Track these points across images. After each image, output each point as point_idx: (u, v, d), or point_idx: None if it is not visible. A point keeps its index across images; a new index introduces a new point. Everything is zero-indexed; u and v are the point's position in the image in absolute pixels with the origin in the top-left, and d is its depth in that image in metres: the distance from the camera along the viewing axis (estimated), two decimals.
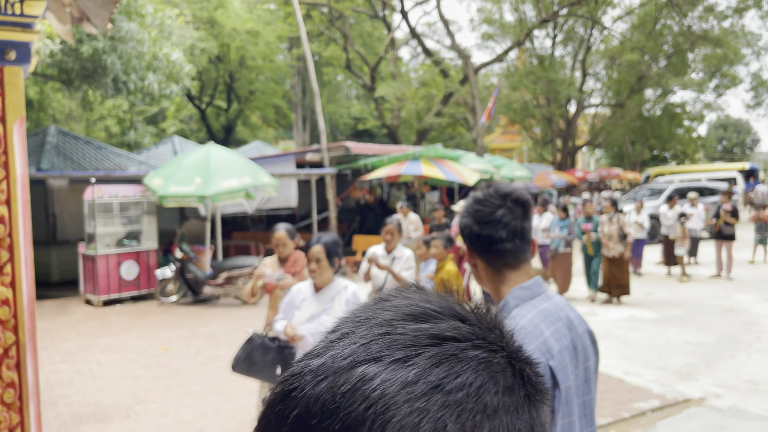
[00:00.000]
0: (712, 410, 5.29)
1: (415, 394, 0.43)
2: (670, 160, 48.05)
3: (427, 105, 25.21)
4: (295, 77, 28.92)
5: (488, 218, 1.61)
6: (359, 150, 14.39)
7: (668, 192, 18.18)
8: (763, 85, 33.39)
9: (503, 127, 35.48)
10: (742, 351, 7.00)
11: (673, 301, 9.95)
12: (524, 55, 31.23)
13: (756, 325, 8.19)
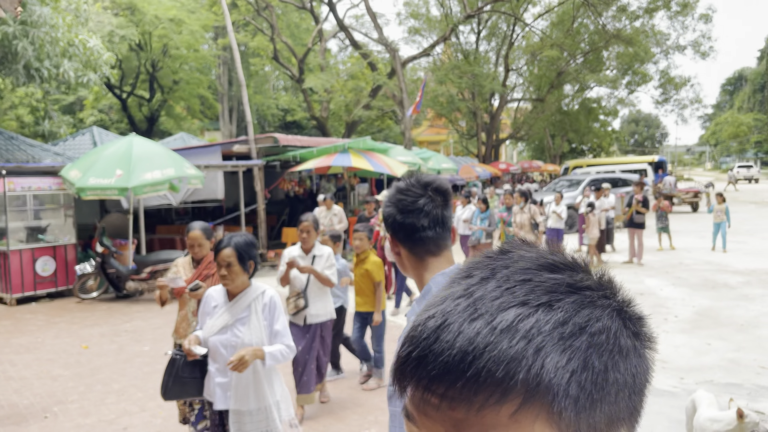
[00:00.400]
0: None
1: (566, 333, 0.49)
2: (587, 153, 50.41)
3: (356, 97, 25.30)
4: (220, 67, 28.26)
5: (411, 207, 1.66)
6: (288, 141, 14.30)
7: (585, 183, 19.10)
8: (670, 82, 35.54)
9: (430, 120, 36.11)
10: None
11: None
12: (450, 50, 31.86)
13: (664, 307, 8.81)
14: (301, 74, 23.95)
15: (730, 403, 3.82)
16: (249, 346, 3.10)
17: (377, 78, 20.88)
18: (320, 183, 17.37)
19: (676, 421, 4.81)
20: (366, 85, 25.65)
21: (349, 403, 5.53)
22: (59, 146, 15.01)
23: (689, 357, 6.42)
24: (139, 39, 21.87)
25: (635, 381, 0.54)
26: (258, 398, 3.20)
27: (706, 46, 32.69)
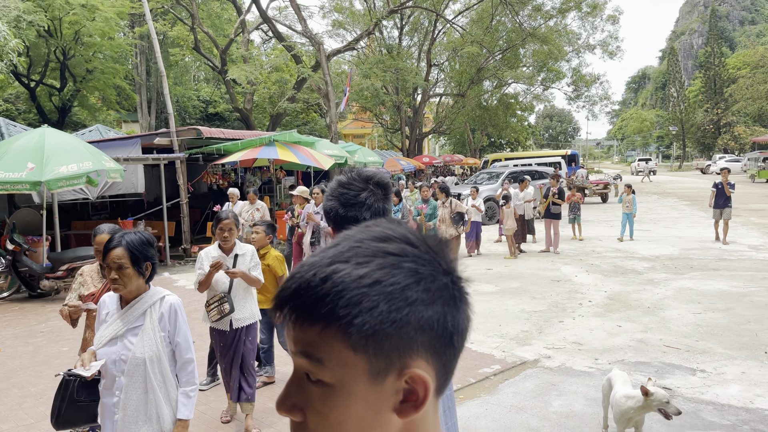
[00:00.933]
0: (544, 370, 6.02)
1: (363, 283, 0.68)
2: (506, 147, 52.19)
3: (281, 90, 25.00)
4: (138, 57, 27.10)
5: (353, 200, 1.71)
6: (211, 134, 14.00)
7: (504, 176, 19.83)
8: (582, 79, 37.39)
9: (355, 114, 36.23)
10: (568, 316, 8.00)
11: (510, 275, 11.01)
12: (374, 44, 32.07)
13: (578, 293, 9.36)
14: (223, 65, 23.39)
15: (648, 382, 4.20)
16: (140, 360, 2.69)
17: (302, 71, 20.74)
18: (245, 176, 17.12)
19: (593, 399, 5.19)
20: (291, 78, 25.40)
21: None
22: None
23: (602, 339, 6.89)
24: (48, 25, 20.57)
25: (434, 326, 0.71)
26: (150, 423, 2.74)
27: (614, 46, 34.65)
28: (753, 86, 39.93)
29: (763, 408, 4.88)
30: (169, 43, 26.89)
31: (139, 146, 13.65)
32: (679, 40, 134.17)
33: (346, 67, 31.06)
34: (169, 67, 26.58)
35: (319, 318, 0.68)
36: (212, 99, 33.75)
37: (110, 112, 29.49)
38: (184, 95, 30.86)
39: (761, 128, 66.45)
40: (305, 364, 0.70)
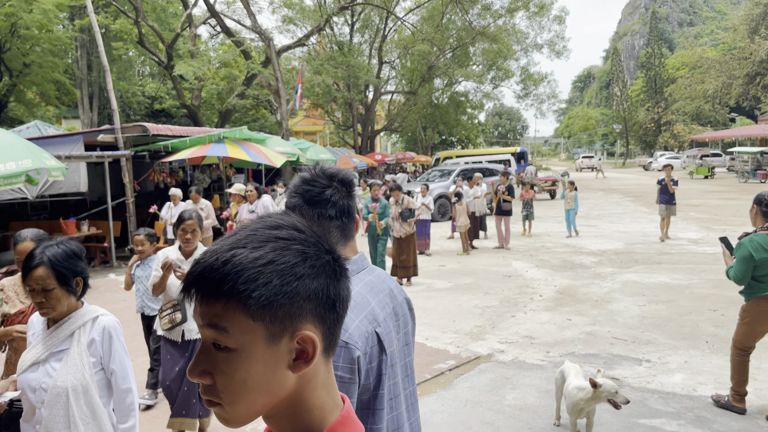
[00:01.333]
0: (498, 364, 6.10)
1: (258, 263, 0.81)
2: (456, 144, 52.81)
3: (230, 86, 24.54)
4: (78, 50, 26.07)
5: (317, 197, 1.67)
6: (158, 131, 13.59)
7: (455, 174, 20.05)
8: (530, 78, 38.21)
9: (306, 110, 35.93)
10: (520, 311, 8.14)
11: (463, 271, 11.14)
12: (325, 41, 31.88)
13: (530, 287, 9.55)
14: (169, 60, 22.74)
15: (598, 374, 4.30)
16: (62, 389, 2.34)
17: (251, 66, 20.40)
18: (194, 174, 16.73)
19: (545, 392, 5.29)
20: (240, 74, 24.95)
21: None
22: None
23: (553, 332, 7.05)
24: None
25: (319, 295, 0.86)
26: None
27: (560, 46, 35.57)
28: (691, 86, 41.66)
29: (705, 395, 5.09)
30: (112, 37, 25.98)
31: (81, 143, 13.15)
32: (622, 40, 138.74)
33: (296, 64, 30.75)
34: (112, 61, 25.70)
35: (222, 294, 0.80)
36: (158, 95, 32.83)
37: (49, 107, 28.29)
38: (128, 91, 29.90)
39: (699, 127, 69.47)
40: (212, 334, 0.82)
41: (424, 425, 4.70)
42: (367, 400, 1.53)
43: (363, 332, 1.50)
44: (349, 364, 1.45)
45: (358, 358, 1.46)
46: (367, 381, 1.51)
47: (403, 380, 1.68)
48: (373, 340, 1.53)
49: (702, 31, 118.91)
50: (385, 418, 1.56)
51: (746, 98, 38.97)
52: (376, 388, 1.53)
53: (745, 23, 36.43)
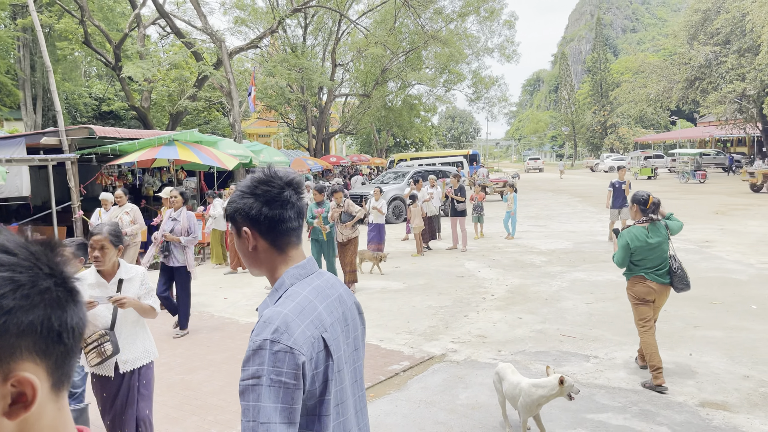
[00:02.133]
0: (451, 364, 6.20)
1: None
2: (411, 147, 53.19)
3: (180, 87, 24.05)
4: (20, 50, 25.07)
5: (277, 198, 1.65)
6: (106, 133, 13.21)
7: (410, 176, 20.21)
8: (481, 81, 38.83)
9: (260, 112, 35.54)
10: (473, 310, 8.28)
11: (417, 272, 11.24)
12: (278, 43, 31.61)
13: (482, 287, 9.72)
14: (117, 61, 22.12)
15: (548, 370, 4.44)
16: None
17: (203, 68, 20.06)
18: (144, 177, 16.35)
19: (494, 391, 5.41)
20: (191, 75, 24.49)
21: (186, 405, 5.40)
22: None
23: (505, 331, 7.20)
24: None
25: (37, 329, 0.74)
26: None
27: (510, 50, 36.26)
28: (634, 90, 43.12)
29: (649, 390, 5.30)
30: (56, 37, 25.10)
31: (23, 146, 12.68)
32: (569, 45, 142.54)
33: (249, 66, 30.39)
34: (56, 62, 24.84)
35: None
36: (106, 96, 31.89)
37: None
38: (74, 92, 28.94)
39: (642, 129, 72.02)
40: None
41: (378, 427, 4.75)
42: (312, 406, 1.52)
43: (309, 337, 1.49)
44: (293, 370, 1.44)
45: (303, 363, 1.45)
46: (312, 387, 1.50)
47: (351, 386, 1.67)
48: (320, 346, 1.52)
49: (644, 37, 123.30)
50: (332, 425, 1.55)
51: (686, 102, 40.60)
52: (322, 394, 1.52)
53: (684, 30, 37.92)
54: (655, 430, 4.51)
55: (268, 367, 1.43)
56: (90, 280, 3.72)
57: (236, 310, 8.93)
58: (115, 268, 3.77)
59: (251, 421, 1.41)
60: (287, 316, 1.49)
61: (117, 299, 3.61)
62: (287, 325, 1.48)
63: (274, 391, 1.42)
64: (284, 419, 1.41)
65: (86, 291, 3.69)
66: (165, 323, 8.12)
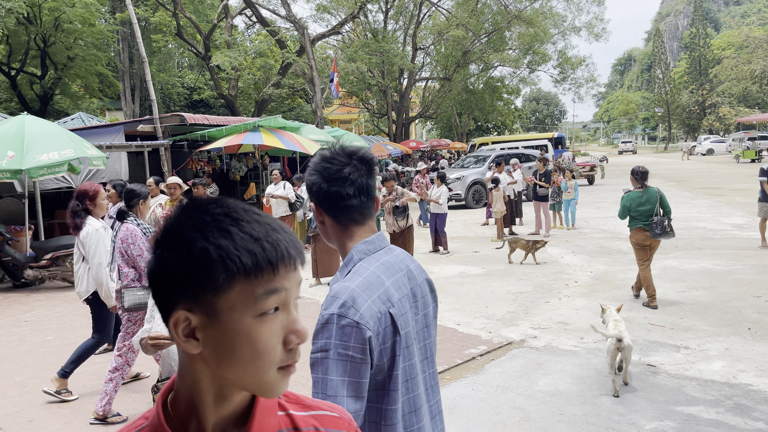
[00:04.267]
0: (531, 350, 6.05)
1: None
2: (492, 130, 52.21)
3: (265, 75, 24.76)
4: (120, 43, 26.66)
5: (336, 175, 1.66)
6: (196, 120, 13.83)
7: (491, 159, 19.84)
8: (567, 62, 37.38)
9: (341, 99, 36.00)
10: (554, 297, 8.04)
11: (497, 257, 11.04)
12: (359, 28, 31.82)
13: (565, 273, 9.42)
14: (207, 51, 23.07)
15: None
16: None
17: (286, 56, 20.53)
18: (230, 162, 16.99)
19: (578, 378, 5.23)
20: (275, 63, 25.13)
21: None
22: None
23: (588, 318, 6.94)
24: (27, 12, 20.16)
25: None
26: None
27: (599, 28, 34.68)
28: (737, 67, 40.15)
29: (746, 383, 4.95)
30: (152, 30, 26.48)
31: (122, 133, 13.48)
32: (665, 21, 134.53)
33: (331, 52, 30.82)
34: (152, 53, 26.23)
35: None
36: (197, 86, 33.35)
37: (93, 99, 29.05)
38: (168, 82, 30.47)
39: (746, 109, 67.01)
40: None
41: (454, 410, 4.71)
42: (381, 381, 1.53)
43: (375, 312, 1.50)
44: (360, 344, 1.45)
45: (370, 338, 1.47)
46: (380, 362, 1.51)
47: (421, 362, 1.67)
48: (387, 321, 1.52)
49: (749, 10, 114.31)
50: (400, 399, 1.55)
51: None
52: (390, 369, 1.53)
53: None
54: (750, 426, 4.21)
55: (336, 341, 1.46)
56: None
57: (317, 290, 9.12)
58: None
59: (320, 394, 1.44)
60: (354, 291, 1.51)
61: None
62: (354, 299, 1.49)
63: (341, 364, 1.44)
64: (351, 392, 1.44)
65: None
66: None
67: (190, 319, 0.81)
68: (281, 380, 0.85)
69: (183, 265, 0.80)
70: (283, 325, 0.84)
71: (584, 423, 4.39)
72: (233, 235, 0.81)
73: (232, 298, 0.80)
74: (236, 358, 0.82)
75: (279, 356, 0.84)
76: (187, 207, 0.85)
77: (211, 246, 0.79)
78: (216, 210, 0.83)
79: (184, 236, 0.81)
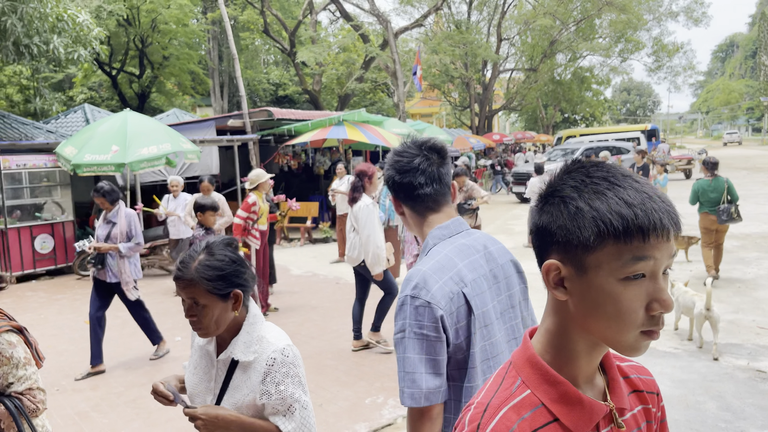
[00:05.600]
0: None
1: None
2: (580, 123, 50.37)
3: (348, 70, 25.05)
4: (210, 42, 27.83)
5: (407, 166, 1.78)
6: (282, 115, 14.18)
7: (580, 152, 19.13)
8: (663, 49, 35.37)
9: (423, 92, 35.87)
10: None
11: None
12: (442, 20, 31.54)
13: (679, 281, 8.89)
14: (292, 48, 23.64)
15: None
16: None
17: (369, 50, 20.66)
18: (315, 157, 17.29)
19: (678, 381, 4.91)
20: (358, 58, 25.38)
21: (354, 370, 5.61)
22: (51, 124, 14.83)
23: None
24: (127, 14, 21.44)
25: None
26: None
27: (699, 12, 32.53)
28: None
29: None
30: (240, 28, 27.43)
31: (213, 128, 14.02)
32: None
33: (413, 45, 30.71)
34: (240, 51, 27.15)
35: None
36: (282, 82, 34.27)
37: (185, 97, 30.53)
38: (254, 79, 31.49)
39: None
40: None
41: None
42: (461, 359, 1.60)
43: (447, 292, 1.57)
44: (433, 323, 1.55)
45: (442, 317, 1.55)
46: (457, 340, 1.58)
47: (507, 342, 1.70)
48: (460, 300, 1.59)
49: None
50: (480, 377, 1.60)
51: None
52: (467, 348, 1.60)
53: None
54: None
55: (410, 321, 1.56)
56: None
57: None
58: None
59: (402, 372, 1.57)
60: (426, 273, 1.60)
61: None
62: (425, 281, 1.58)
63: (417, 343, 1.55)
64: (429, 369, 1.54)
65: None
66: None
67: (560, 269, 0.89)
68: (642, 342, 0.87)
69: (559, 221, 0.87)
70: (647, 292, 0.86)
71: (687, 429, 4.11)
72: (608, 198, 0.84)
73: (599, 258, 0.85)
74: (600, 313, 0.87)
75: (641, 320, 0.86)
76: (570, 167, 0.92)
77: (586, 206, 0.85)
78: (596, 173, 0.88)
79: (562, 194, 0.88)
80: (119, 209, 5.95)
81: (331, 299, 8.31)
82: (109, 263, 5.89)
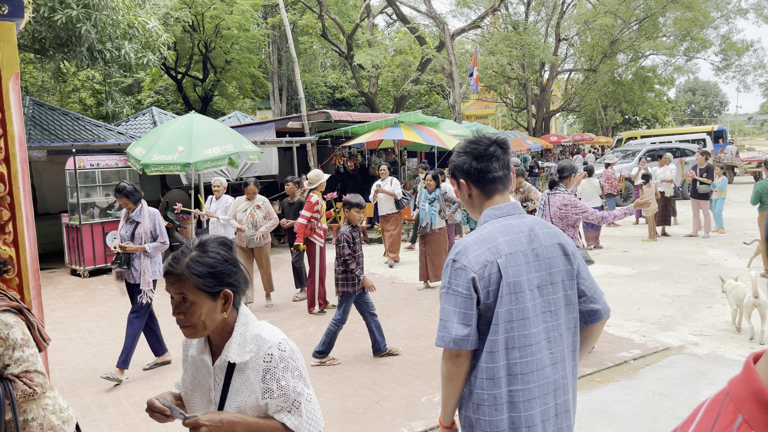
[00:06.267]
0: (692, 357, 5.57)
1: None
2: (641, 124, 48.83)
3: (404, 72, 25.15)
4: (270, 46, 28.51)
5: (484, 153, 2.04)
6: (340, 117, 14.39)
7: (641, 154, 18.58)
8: (732, 47, 33.89)
9: (479, 93, 35.62)
10: (718, 302, 7.34)
11: (649, 258, 10.32)
12: (499, 21, 31.24)
13: (729, 278, 8.56)
14: (349, 51, 23.93)
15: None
16: None
17: (426, 52, 20.69)
18: (371, 158, 17.45)
19: None
20: (414, 60, 25.45)
21: (410, 369, 5.65)
22: (121, 126, 15.54)
23: (759, 326, 6.26)
24: (192, 20, 22.24)
25: None
26: None
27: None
28: None
29: None
30: (299, 32, 27.96)
31: (273, 130, 14.36)
32: None
33: (469, 47, 30.55)
34: (299, 54, 27.68)
35: None
36: (338, 84, 34.72)
37: (246, 100, 31.35)
38: (312, 82, 32.02)
39: None
40: None
41: (606, 412, 4.46)
42: (490, 317, 1.89)
43: (482, 260, 1.89)
44: (465, 283, 1.88)
45: (473, 279, 1.88)
46: (487, 300, 1.89)
47: (543, 314, 1.94)
48: (493, 268, 1.88)
49: None
50: (501, 334, 1.88)
51: None
52: (494, 308, 1.88)
53: None
54: None
55: (449, 279, 1.93)
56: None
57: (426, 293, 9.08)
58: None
59: (441, 319, 1.93)
60: (467, 243, 1.95)
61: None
62: (466, 249, 1.93)
63: (452, 297, 1.90)
64: (459, 320, 1.88)
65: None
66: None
67: None
68: None
69: None
70: None
71: None
72: None
73: None
74: None
75: None
76: None
77: None
78: None
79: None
80: (142, 208, 5.84)
81: (386, 298, 8.38)
82: (134, 263, 5.82)
